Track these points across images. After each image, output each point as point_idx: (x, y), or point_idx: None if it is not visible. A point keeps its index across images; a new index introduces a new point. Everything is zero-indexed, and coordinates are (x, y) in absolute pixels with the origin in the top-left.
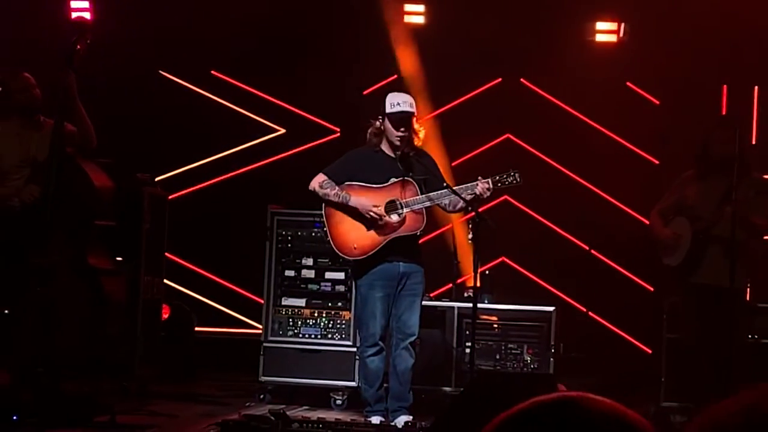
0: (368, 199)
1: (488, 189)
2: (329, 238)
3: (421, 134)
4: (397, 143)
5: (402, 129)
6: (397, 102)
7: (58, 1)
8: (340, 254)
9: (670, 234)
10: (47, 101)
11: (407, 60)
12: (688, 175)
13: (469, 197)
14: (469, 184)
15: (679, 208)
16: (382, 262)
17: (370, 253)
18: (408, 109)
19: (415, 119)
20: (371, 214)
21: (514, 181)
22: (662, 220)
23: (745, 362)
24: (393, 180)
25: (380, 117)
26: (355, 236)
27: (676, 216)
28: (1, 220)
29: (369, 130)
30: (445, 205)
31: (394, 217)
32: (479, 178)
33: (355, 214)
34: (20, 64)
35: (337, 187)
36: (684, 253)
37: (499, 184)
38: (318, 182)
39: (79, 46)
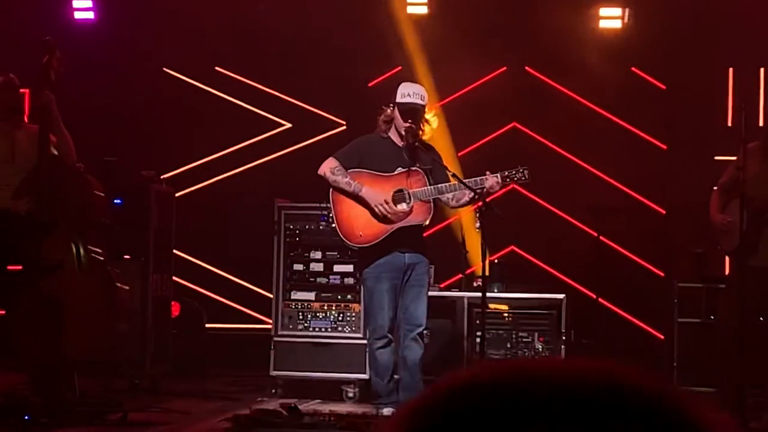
0: (377, 189)
1: (498, 183)
2: (334, 224)
3: (434, 124)
4: (404, 134)
5: (409, 121)
6: (408, 93)
7: (61, 2)
8: (345, 241)
9: (722, 220)
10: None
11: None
12: (752, 147)
13: (477, 190)
14: (477, 178)
15: (736, 179)
16: (387, 252)
17: (375, 241)
18: (419, 101)
19: (425, 111)
20: (380, 208)
21: (523, 178)
22: (720, 201)
23: None
24: (400, 169)
25: (391, 105)
26: (361, 223)
27: (734, 199)
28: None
29: (380, 117)
30: (448, 199)
31: (402, 207)
32: (487, 173)
33: (363, 201)
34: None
35: (348, 175)
36: (738, 237)
37: (508, 180)
38: (329, 167)
39: (53, 64)
